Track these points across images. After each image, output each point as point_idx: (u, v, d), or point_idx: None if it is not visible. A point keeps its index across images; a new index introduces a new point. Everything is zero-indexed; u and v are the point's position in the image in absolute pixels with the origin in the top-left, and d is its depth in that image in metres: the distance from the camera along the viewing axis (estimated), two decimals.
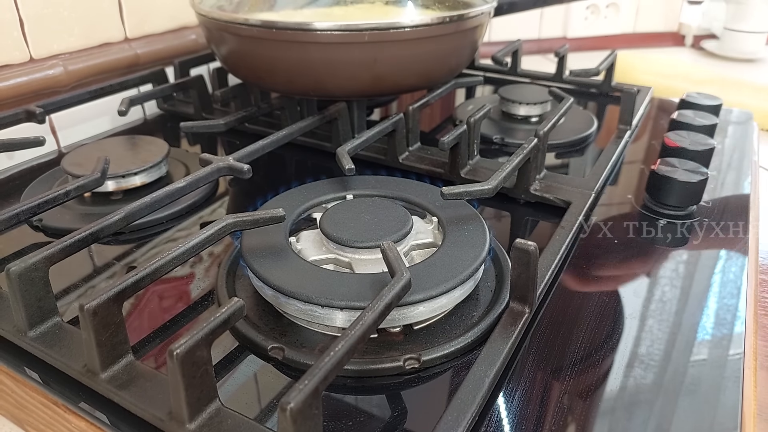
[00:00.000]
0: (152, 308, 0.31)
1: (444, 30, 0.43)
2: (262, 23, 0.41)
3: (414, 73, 0.45)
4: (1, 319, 0.28)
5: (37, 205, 0.31)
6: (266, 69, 0.44)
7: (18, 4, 0.47)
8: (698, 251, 0.36)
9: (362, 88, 0.44)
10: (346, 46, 0.41)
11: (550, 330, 0.29)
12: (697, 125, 0.46)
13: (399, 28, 0.41)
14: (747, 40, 0.99)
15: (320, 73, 0.43)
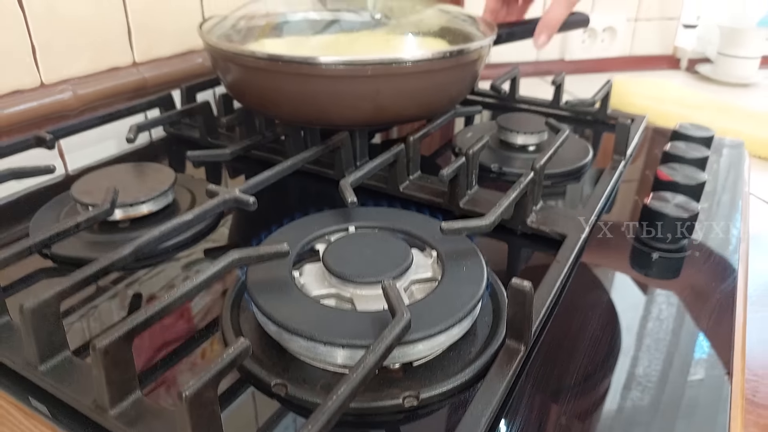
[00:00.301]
0: (156, 333, 0.32)
1: (444, 64, 0.44)
2: (269, 56, 0.42)
3: (415, 105, 0.46)
4: (11, 352, 0.28)
5: (48, 238, 0.32)
6: (271, 99, 0.45)
7: (31, 31, 0.49)
8: (690, 284, 0.37)
9: (365, 119, 0.45)
10: (349, 80, 0.42)
11: (546, 363, 0.30)
12: (689, 158, 0.47)
13: (400, 62, 0.42)
14: (740, 65, 1.01)
15: (324, 104, 0.44)
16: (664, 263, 0.39)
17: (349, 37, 0.49)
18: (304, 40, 0.50)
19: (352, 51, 0.46)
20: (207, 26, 0.50)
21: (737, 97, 0.98)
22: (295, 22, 0.52)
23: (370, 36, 0.49)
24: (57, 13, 0.50)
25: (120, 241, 0.38)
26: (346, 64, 0.41)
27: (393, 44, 0.48)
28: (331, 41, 0.48)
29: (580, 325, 0.33)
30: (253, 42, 0.49)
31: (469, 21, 0.54)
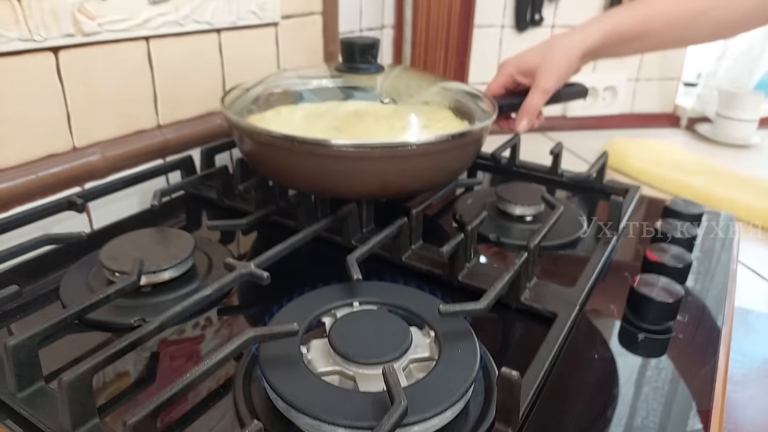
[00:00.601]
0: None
1: (447, 146, 0.48)
2: (284, 137, 0.46)
3: (419, 181, 0.49)
4: (46, 417, 0.31)
5: (82, 309, 0.35)
6: (285, 171, 0.49)
7: (68, 101, 0.53)
8: (673, 366, 0.39)
9: (372, 192, 0.49)
10: (358, 160, 0.46)
11: None
12: (678, 238, 0.50)
13: (405, 146, 0.46)
14: (738, 127, 1.04)
15: (335, 179, 0.47)
16: (649, 344, 0.41)
17: (359, 114, 0.52)
18: (318, 113, 0.54)
19: (362, 131, 0.50)
20: (229, 98, 0.54)
21: (735, 157, 1.01)
22: (312, 90, 0.57)
23: (379, 112, 0.53)
24: (91, 86, 0.54)
25: (143, 306, 0.42)
26: (356, 147, 0.45)
27: (399, 126, 0.51)
28: (343, 117, 0.52)
29: (567, 405, 0.35)
30: (271, 110, 0.53)
31: (471, 97, 0.58)
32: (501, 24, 1.00)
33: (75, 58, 0.53)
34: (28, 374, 0.33)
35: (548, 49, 0.62)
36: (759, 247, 0.68)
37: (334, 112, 0.53)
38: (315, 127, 0.50)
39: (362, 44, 0.55)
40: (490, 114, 0.54)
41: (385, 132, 0.50)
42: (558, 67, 0.60)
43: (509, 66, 0.64)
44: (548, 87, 0.61)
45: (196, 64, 0.64)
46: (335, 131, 0.50)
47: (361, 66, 0.56)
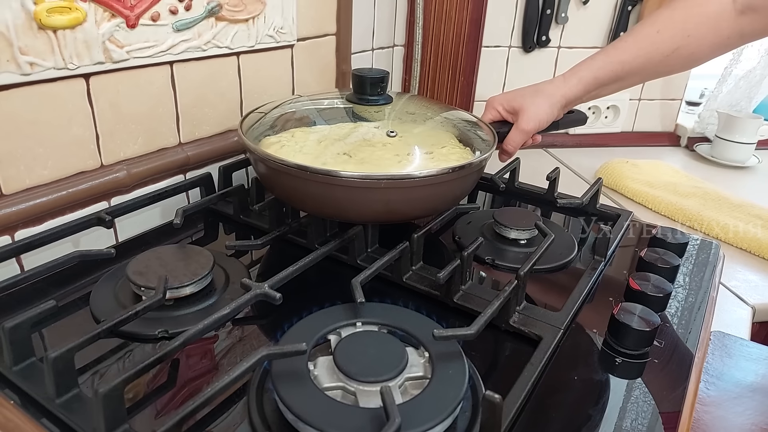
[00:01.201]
0: (187, 398, 0.38)
1: (448, 177, 0.52)
2: (297, 166, 0.50)
3: (422, 208, 0.54)
4: (82, 422, 0.36)
5: (114, 324, 0.39)
6: (297, 196, 0.53)
7: (96, 122, 0.57)
8: (647, 389, 0.43)
9: (377, 218, 0.53)
10: (365, 189, 0.50)
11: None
12: (661, 267, 0.54)
13: (410, 178, 0.50)
14: (736, 149, 1.07)
15: (343, 205, 0.51)
16: (626, 367, 0.45)
17: (368, 141, 0.56)
18: (330, 139, 0.57)
19: (370, 158, 0.53)
20: (246, 123, 0.58)
21: (732, 178, 1.04)
22: (324, 116, 0.61)
23: (387, 140, 0.56)
24: (119, 108, 0.59)
25: (165, 318, 0.46)
26: (363, 178, 0.49)
27: (405, 153, 0.55)
28: (353, 144, 0.55)
29: (547, 423, 0.39)
30: (286, 133, 0.57)
31: (472, 126, 0.62)
32: (508, 44, 1.03)
33: (104, 83, 0.57)
34: (65, 382, 0.37)
35: (534, 95, 0.67)
36: (744, 271, 0.72)
37: (345, 139, 0.56)
38: (326, 153, 0.54)
39: (372, 78, 0.59)
40: (490, 144, 0.58)
41: (392, 159, 0.54)
42: (538, 114, 0.66)
43: (497, 103, 0.70)
44: (527, 129, 0.67)
45: (215, 85, 0.68)
46: (345, 157, 0.53)
47: (370, 98, 0.60)
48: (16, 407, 0.38)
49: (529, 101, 0.67)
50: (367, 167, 0.52)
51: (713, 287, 0.57)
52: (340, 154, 0.54)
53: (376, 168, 0.52)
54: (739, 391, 0.50)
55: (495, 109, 0.70)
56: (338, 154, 0.53)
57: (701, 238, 0.66)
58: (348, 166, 0.51)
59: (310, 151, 0.54)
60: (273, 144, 0.55)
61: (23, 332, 0.39)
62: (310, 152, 0.54)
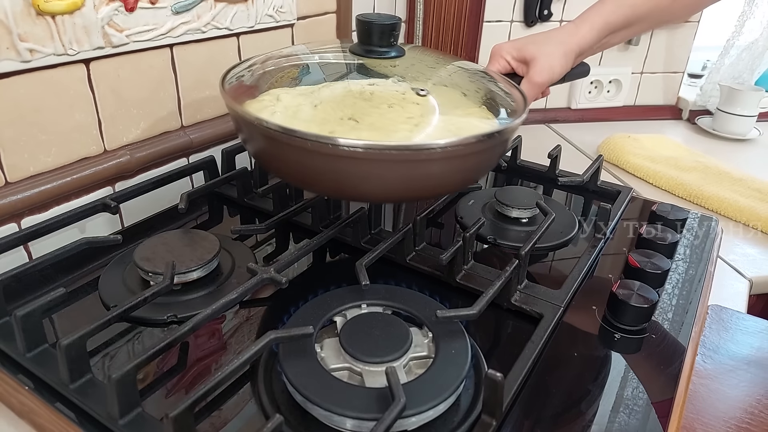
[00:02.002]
0: (196, 378, 0.40)
1: (475, 148, 0.44)
2: (282, 129, 0.42)
3: (439, 185, 0.47)
4: (95, 404, 0.37)
5: (124, 311, 0.40)
6: (289, 169, 0.46)
7: (98, 108, 0.57)
8: (644, 363, 0.44)
9: (386, 197, 0.51)
10: (370, 162, 0.42)
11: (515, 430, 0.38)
12: (660, 244, 0.55)
13: (428, 149, 0.42)
14: (737, 122, 1.07)
15: (345, 181, 0.45)
16: (625, 342, 0.46)
17: (375, 101, 0.47)
18: (330, 98, 0.47)
19: (380, 122, 0.45)
20: (230, 76, 0.52)
21: (733, 151, 1.04)
22: (325, 69, 0.53)
23: (397, 98, 0.48)
24: (120, 93, 0.59)
25: (173, 303, 0.47)
26: (368, 148, 0.41)
27: (419, 114, 0.46)
28: (359, 105, 0.46)
29: (548, 399, 0.40)
30: (278, 90, 0.49)
31: (496, 85, 0.56)
32: (510, 19, 1.02)
33: (105, 68, 0.57)
34: (78, 368, 0.38)
35: (546, 44, 0.62)
36: (743, 245, 0.72)
37: (348, 98, 0.47)
38: (327, 116, 0.45)
39: (382, 25, 0.50)
40: (521, 109, 0.51)
41: (406, 124, 0.45)
42: (552, 64, 0.61)
43: (504, 52, 0.63)
44: (540, 81, 0.61)
45: (216, 67, 0.68)
46: (350, 122, 0.44)
47: (379, 49, 0.51)
48: (30, 392, 0.39)
49: (542, 50, 0.61)
50: (377, 135, 0.43)
51: (711, 261, 0.58)
52: (343, 118, 0.45)
53: (386, 136, 0.43)
54: (735, 363, 0.51)
55: (503, 58, 0.63)
56: (342, 119, 0.45)
57: (701, 213, 0.66)
58: (353, 134, 0.43)
59: (308, 113, 0.46)
60: (262, 103, 0.47)
61: (35, 320, 0.40)
62: (307, 115, 0.45)
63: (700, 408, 0.46)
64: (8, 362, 0.41)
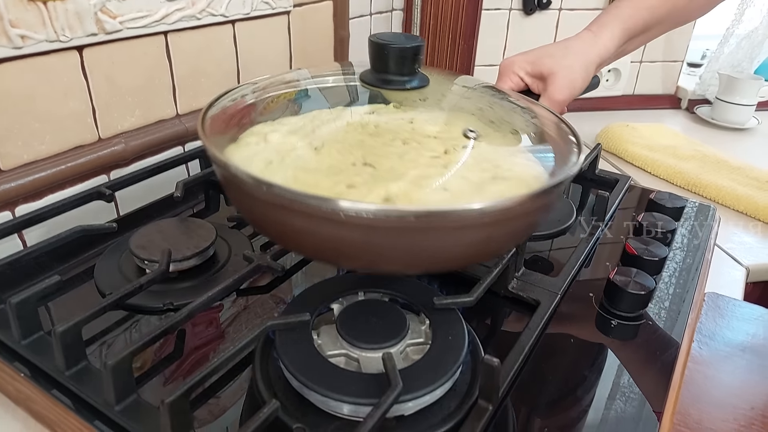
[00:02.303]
0: (194, 366, 0.39)
1: (522, 209, 0.33)
2: (293, 195, 0.30)
3: (470, 255, 0.36)
4: (92, 391, 0.37)
5: (119, 298, 0.40)
6: (303, 243, 0.36)
7: (92, 96, 0.57)
8: (640, 351, 0.44)
9: (403, 270, 0.39)
10: (382, 230, 0.31)
11: (512, 415, 0.37)
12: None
13: (461, 214, 0.31)
14: (736, 111, 1.06)
15: (349, 251, 0.34)
16: (621, 329, 0.46)
17: (375, 136, 0.39)
18: (339, 138, 0.39)
19: (392, 172, 0.35)
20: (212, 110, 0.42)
21: (731, 140, 1.04)
22: (330, 99, 0.45)
23: (396, 120, 0.40)
24: (114, 80, 0.58)
25: (170, 291, 0.47)
26: (379, 214, 0.30)
27: (444, 158, 0.37)
28: (376, 147, 0.37)
29: (544, 384, 0.40)
30: (272, 123, 0.40)
31: (552, 124, 0.45)
32: (509, 7, 1.02)
33: (98, 55, 0.56)
34: (74, 355, 0.38)
35: (565, 57, 0.54)
36: (740, 233, 0.72)
37: (352, 134, 0.39)
38: (336, 162, 0.36)
39: (402, 49, 0.41)
40: (576, 149, 0.39)
41: (433, 167, 0.36)
42: (574, 81, 0.54)
43: (517, 67, 0.56)
44: (561, 100, 0.54)
45: (211, 55, 0.67)
46: (366, 169, 0.35)
47: (398, 78, 0.42)
48: (26, 380, 0.39)
49: (560, 63, 0.54)
50: (407, 187, 0.33)
51: (709, 249, 0.58)
52: (357, 164, 0.35)
53: (418, 188, 0.33)
54: (730, 350, 0.51)
55: (515, 75, 0.56)
56: (354, 166, 0.35)
57: (699, 202, 0.66)
58: (379, 189, 0.33)
59: (309, 158, 0.36)
60: (253, 157, 0.36)
61: (30, 307, 0.40)
62: (309, 160, 0.36)
63: (696, 394, 0.46)
64: (4, 350, 0.41)
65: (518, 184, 0.36)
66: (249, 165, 0.35)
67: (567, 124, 0.43)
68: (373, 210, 0.30)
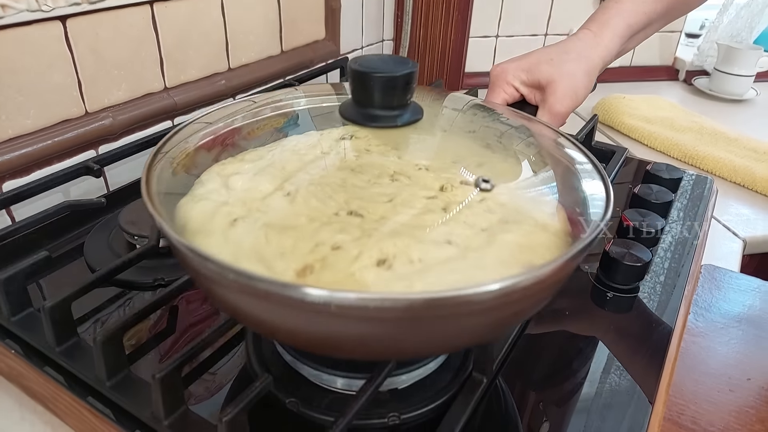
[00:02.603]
0: (189, 340, 0.39)
1: (542, 285, 0.26)
2: (216, 266, 0.25)
3: (474, 337, 0.31)
4: (83, 368, 0.36)
5: (108, 273, 0.40)
6: (283, 333, 0.30)
7: (78, 68, 0.55)
8: (635, 322, 0.44)
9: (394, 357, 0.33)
10: (371, 321, 0.25)
11: (505, 387, 0.37)
12: (654, 203, 0.54)
13: (472, 298, 0.24)
14: (734, 82, 1.05)
15: (335, 343, 0.28)
16: (617, 301, 0.46)
17: (359, 172, 0.33)
18: (318, 182, 0.32)
19: (383, 221, 0.29)
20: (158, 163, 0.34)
21: (729, 112, 1.03)
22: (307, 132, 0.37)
23: (425, 183, 0.32)
24: (100, 52, 0.57)
25: (160, 266, 0.46)
26: (386, 304, 0.23)
27: (441, 198, 0.31)
28: (363, 199, 0.31)
29: (538, 356, 0.40)
30: (202, 183, 0.33)
31: (508, 125, 0.41)
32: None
33: (82, 25, 0.55)
34: (63, 331, 0.38)
35: (565, 62, 0.48)
36: (737, 205, 0.72)
37: (331, 171, 0.33)
38: (314, 214, 0.29)
39: (388, 78, 0.34)
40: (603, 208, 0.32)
41: (432, 213, 0.30)
42: (576, 90, 0.47)
43: (511, 76, 0.49)
44: (563, 112, 0.47)
45: (199, 25, 0.65)
46: (352, 219, 0.29)
47: (385, 114, 0.35)
48: (17, 356, 0.38)
49: (560, 70, 0.47)
50: (404, 241, 0.27)
51: (706, 221, 0.58)
52: (340, 213, 0.29)
53: (416, 240, 0.28)
54: (726, 321, 0.51)
55: (509, 84, 0.49)
56: (338, 215, 0.29)
57: (696, 173, 0.65)
58: (373, 246, 0.27)
59: (281, 214, 0.30)
60: (214, 214, 0.30)
61: (18, 283, 0.40)
62: (284, 220, 0.29)
63: (691, 365, 0.46)
64: None
65: (534, 229, 0.30)
66: (209, 224, 0.29)
67: (577, 144, 0.37)
68: (375, 299, 0.23)
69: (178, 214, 0.30)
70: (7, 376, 0.41)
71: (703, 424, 0.41)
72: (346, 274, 0.26)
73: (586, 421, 0.36)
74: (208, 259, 0.25)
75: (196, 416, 0.33)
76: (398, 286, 0.26)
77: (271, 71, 0.76)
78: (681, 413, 0.42)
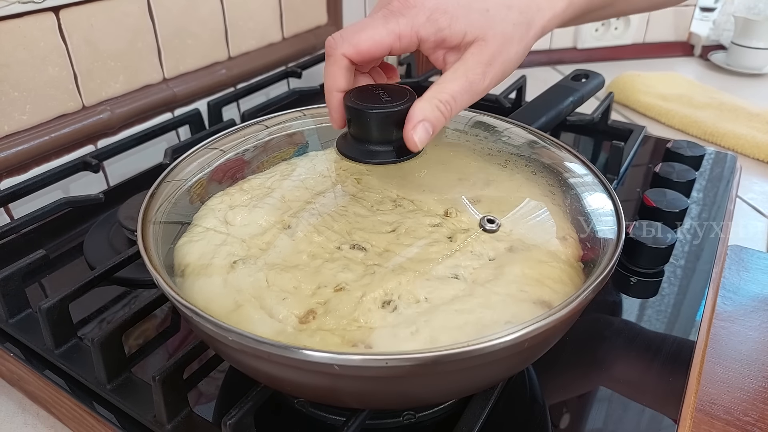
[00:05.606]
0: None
1: (539, 338, 0.24)
2: (214, 327, 0.24)
3: (477, 385, 0.30)
4: (83, 370, 0.35)
5: (107, 270, 0.38)
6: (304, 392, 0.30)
7: (73, 62, 0.54)
8: (661, 308, 0.42)
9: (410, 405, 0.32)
10: (373, 380, 0.25)
11: (523, 385, 0.35)
12: (676, 181, 0.51)
13: (479, 352, 0.23)
14: (752, 55, 1.01)
15: (340, 396, 0.27)
16: (641, 286, 0.44)
17: (359, 198, 0.32)
18: (289, 202, 0.32)
19: (387, 255, 0.28)
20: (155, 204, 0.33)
21: (748, 87, 0.99)
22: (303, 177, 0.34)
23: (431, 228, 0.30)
24: (95, 44, 0.55)
25: None
26: (374, 366, 0.23)
27: (448, 227, 0.30)
28: (339, 216, 0.30)
29: (561, 342, 0.38)
30: (200, 221, 0.32)
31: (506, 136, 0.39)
32: None
33: (76, 16, 0.53)
34: (62, 332, 0.36)
35: (500, 20, 0.31)
36: (761, 183, 0.69)
37: (345, 203, 0.32)
38: (317, 250, 0.29)
39: (389, 115, 0.30)
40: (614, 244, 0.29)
41: (439, 243, 0.29)
42: (511, 62, 0.32)
43: (416, 32, 0.30)
44: (484, 86, 0.31)
45: (197, 13, 0.63)
46: (356, 254, 0.28)
47: (382, 149, 0.31)
48: (16, 360, 0.37)
49: (493, 28, 0.31)
50: (407, 277, 0.27)
51: (730, 200, 0.55)
52: (343, 247, 0.29)
53: (421, 274, 0.27)
54: (756, 304, 0.49)
55: (395, 33, 0.30)
56: (340, 249, 0.29)
57: (717, 150, 0.63)
58: (381, 281, 0.27)
59: (284, 252, 0.29)
60: (215, 253, 0.30)
61: (15, 284, 0.38)
62: (288, 259, 0.28)
63: (720, 351, 0.44)
64: None
65: (543, 257, 0.29)
66: (209, 267, 0.28)
67: (580, 158, 0.36)
68: (380, 359, 0.22)
69: (178, 255, 0.30)
70: (8, 380, 0.40)
71: (736, 413, 0.39)
72: (350, 319, 0.25)
73: (611, 412, 0.33)
74: (210, 321, 0.24)
75: (201, 419, 0.32)
76: (404, 332, 0.25)
77: (273, 59, 0.74)
78: (713, 403, 0.40)
